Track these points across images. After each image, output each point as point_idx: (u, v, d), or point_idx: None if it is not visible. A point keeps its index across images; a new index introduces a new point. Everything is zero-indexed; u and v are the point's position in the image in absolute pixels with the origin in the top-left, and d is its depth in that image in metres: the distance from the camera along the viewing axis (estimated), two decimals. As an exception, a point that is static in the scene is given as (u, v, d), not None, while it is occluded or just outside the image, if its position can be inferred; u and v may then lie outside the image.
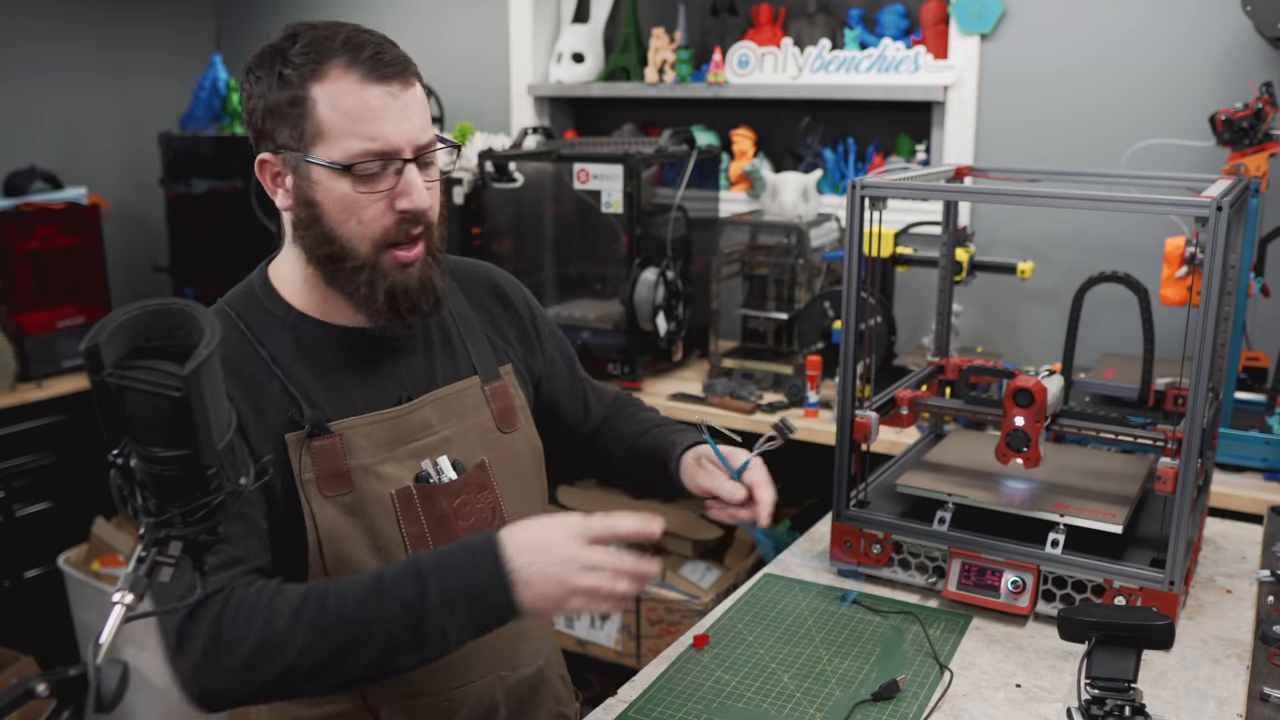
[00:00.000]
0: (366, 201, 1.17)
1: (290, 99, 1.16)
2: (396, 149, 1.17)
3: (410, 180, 1.18)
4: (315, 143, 1.16)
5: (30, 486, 3.16)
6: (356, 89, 1.15)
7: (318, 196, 1.18)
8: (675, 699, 1.35)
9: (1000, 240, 2.86)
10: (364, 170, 1.16)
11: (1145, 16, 2.63)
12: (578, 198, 2.86)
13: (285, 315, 1.26)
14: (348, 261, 1.20)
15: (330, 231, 1.19)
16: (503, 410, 1.36)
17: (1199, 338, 1.37)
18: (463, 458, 1.30)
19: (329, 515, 1.20)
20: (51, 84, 3.63)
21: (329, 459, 1.20)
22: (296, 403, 1.21)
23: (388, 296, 1.21)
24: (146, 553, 0.80)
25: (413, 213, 1.19)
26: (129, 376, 0.77)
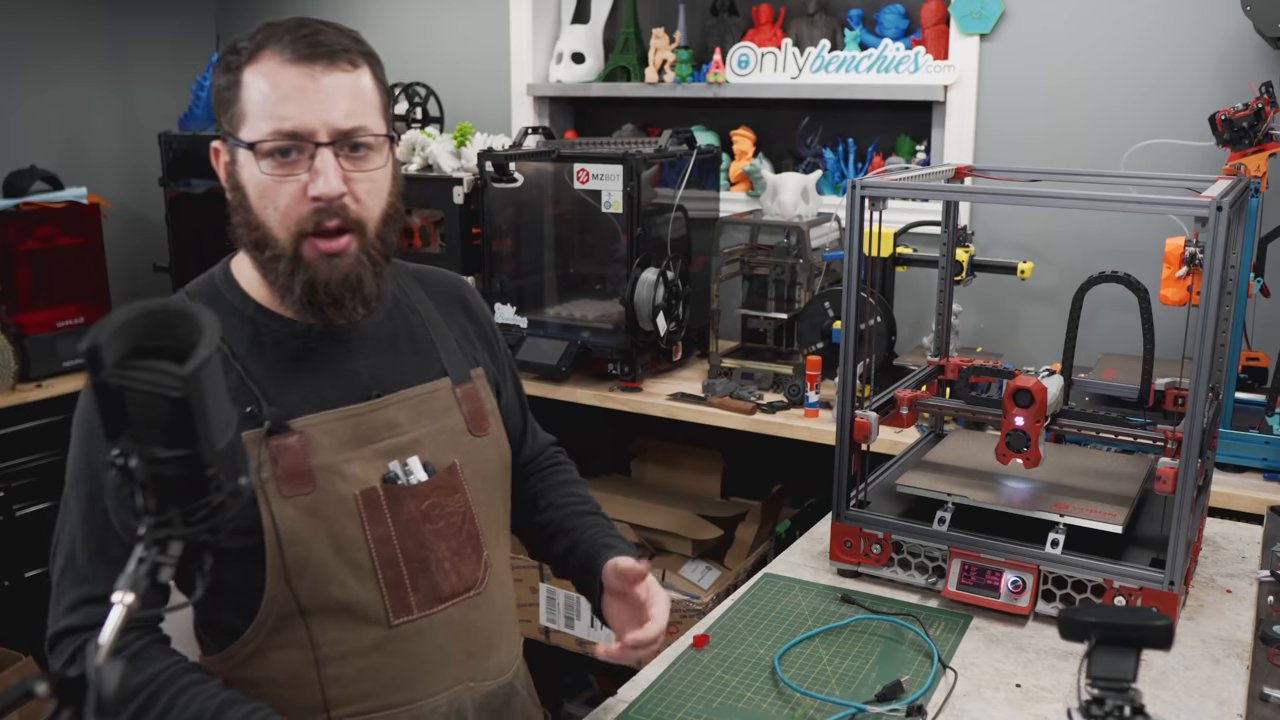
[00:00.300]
0: (278, 187, 1.14)
1: (227, 83, 1.17)
2: (308, 131, 1.13)
3: (320, 166, 1.13)
4: (239, 125, 1.16)
5: (30, 486, 3.16)
6: (277, 70, 1.13)
7: (242, 179, 1.17)
8: (675, 699, 1.35)
9: (1000, 240, 2.86)
10: (269, 149, 1.13)
11: (1145, 17, 2.63)
12: (578, 198, 2.86)
13: (244, 308, 1.24)
14: (269, 249, 1.17)
15: (253, 217, 1.17)
16: (474, 413, 1.33)
17: (1199, 338, 1.37)
18: (434, 459, 1.26)
19: (289, 517, 1.16)
20: (51, 84, 3.63)
21: (290, 457, 1.16)
22: (255, 398, 1.18)
23: (305, 287, 1.17)
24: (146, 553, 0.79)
25: (322, 199, 1.14)
26: (129, 376, 0.77)
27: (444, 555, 1.24)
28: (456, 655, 1.26)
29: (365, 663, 1.20)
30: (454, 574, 1.25)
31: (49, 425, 3.13)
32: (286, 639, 1.19)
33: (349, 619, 1.19)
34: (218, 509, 0.82)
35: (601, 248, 2.92)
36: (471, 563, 1.28)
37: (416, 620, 1.22)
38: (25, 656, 2.73)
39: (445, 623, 1.25)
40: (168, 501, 0.80)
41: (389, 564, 1.20)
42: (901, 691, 1.32)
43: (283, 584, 1.17)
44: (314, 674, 1.19)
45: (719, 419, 2.62)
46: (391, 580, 1.21)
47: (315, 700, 1.20)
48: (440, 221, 3.10)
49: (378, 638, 1.20)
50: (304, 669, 1.19)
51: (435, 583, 1.24)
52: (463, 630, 1.27)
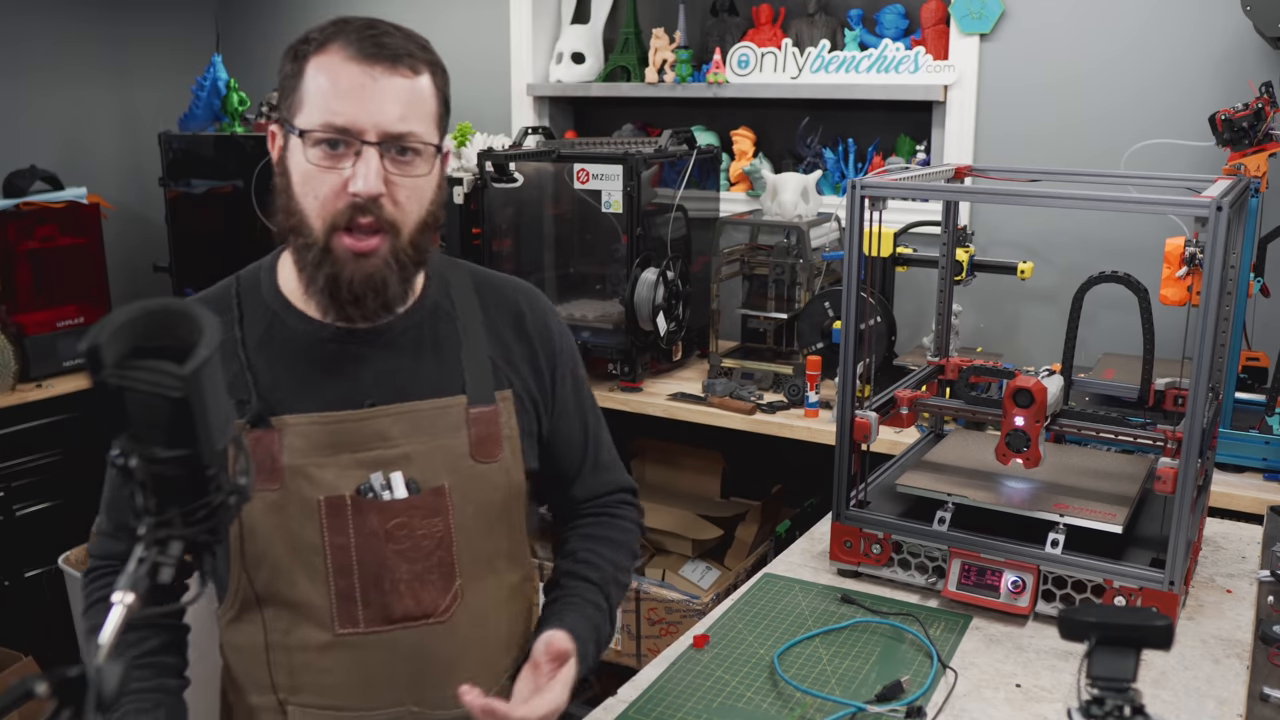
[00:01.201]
0: (321, 177, 1.15)
1: (292, 71, 1.18)
2: (358, 129, 1.14)
3: (364, 164, 1.14)
4: (295, 112, 1.17)
5: (31, 486, 3.15)
6: (339, 65, 1.14)
7: (289, 164, 1.18)
8: (675, 699, 1.35)
9: (1000, 240, 2.86)
10: (320, 140, 1.14)
11: (1145, 17, 2.63)
12: (578, 198, 2.86)
13: (273, 301, 1.26)
14: (303, 236, 1.18)
15: (293, 203, 1.18)
16: (483, 438, 1.25)
17: (1199, 338, 1.37)
18: (421, 478, 1.22)
19: (252, 509, 1.17)
20: (51, 84, 3.63)
21: (260, 453, 1.18)
22: (249, 389, 1.20)
23: (329, 280, 1.18)
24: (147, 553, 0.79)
25: (360, 197, 1.14)
26: (129, 376, 0.77)
27: (402, 577, 1.21)
28: (402, 678, 1.23)
29: (310, 660, 1.21)
30: (409, 598, 1.21)
31: (49, 425, 3.13)
32: (250, 618, 1.24)
33: (298, 616, 1.21)
34: (218, 509, 0.82)
35: (601, 248, 2.92)
36: (435, 590, 1.23)
37: (363, 634, 1.21)
38: (25, 656, 2.73)
39: (392, 643, 1.22)
40: (168, 501, 0.80)
41: (343, 574, 1.19)
42: (901, 691, 1.32)
43: (241, 570, 1.21)
44: (265, 657, 1.24)
45: (719, 419, 2.62)
46: (343, 590, 1.20)
47: (266, 681, 1.24)
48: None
49: (323, 642, 1.21)
50: (259, 650, 1.24)
51: (387, 602, 1.20)
52: (414, 655, 1.23)
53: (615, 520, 1.43)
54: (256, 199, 3.18)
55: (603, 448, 1.44)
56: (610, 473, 1.45)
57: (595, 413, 1.44)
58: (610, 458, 1.45)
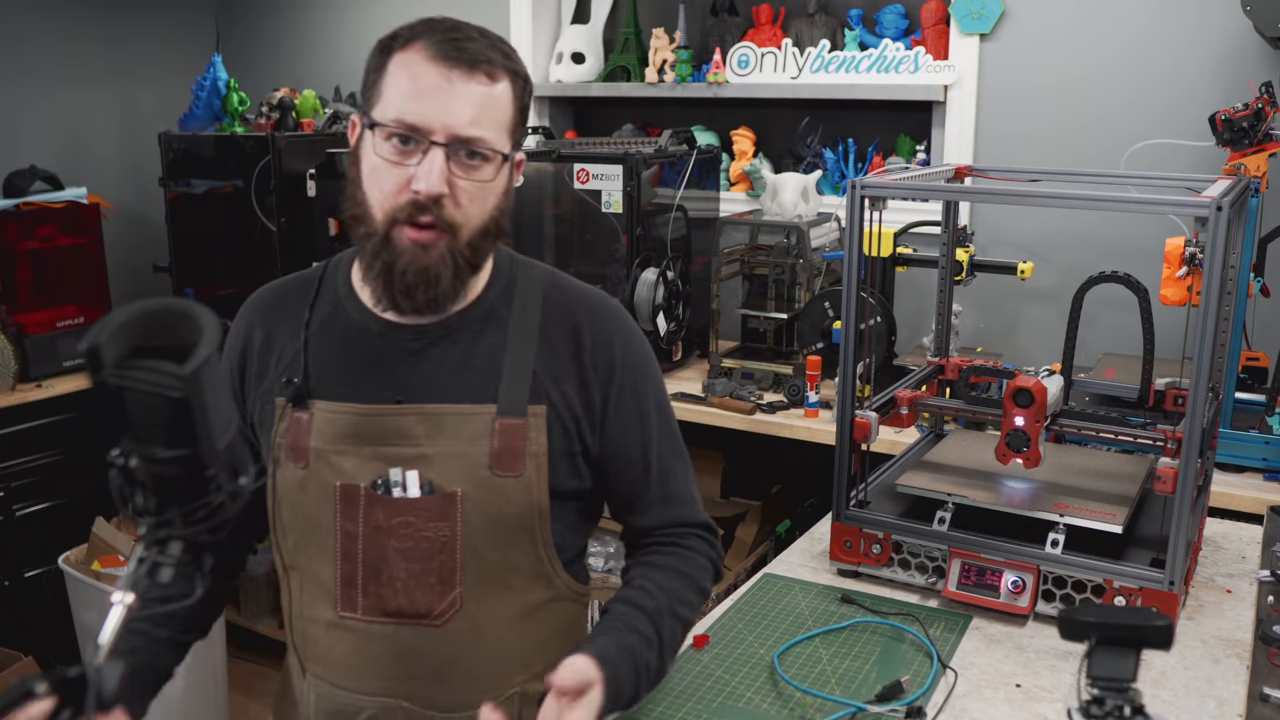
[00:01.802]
0: (388, 171, 1.17)
1: (376, 65, 1.21)
2: (427, 128, 1.15)
3: (429, 163, 1.16)
4: (373, 104, 1.20)
5: (31, 486, 3.16)
6: (419, 63, 1.17)
7: (361, 154, 1.21)
8: (675, 699, 1.35)
9: (1000, 240, 2.86)
10: (390, 135, 1.16)
11: (1145, 17, 2.63)
12: (578, 198, 2.86)
13: (341, 288, 1.30)
14: (365, 226, 1.21)
15: (359, 192, 1.21)
16: (504, 450, 1.22)
17: (1199, 338, 1.37)
18: (438, 481, 1.22)
19: (286, 481, 1.25)
20: (51, 84, 3.63)
21: (296, 432, 1.25)
22: (300, 369, 1.26)
23: (384, 268, 1.19)
24: (147, 553, 0.80)
25: (421, 195, 1.16)
26: (129, 377, 0.77)
27: (399, 574, 1.22)
28: (394, 672, 1.24)
29: (319, 634, 1.28)
30: (404, 596, 1.22)
31: (49, 425, 3.13)
32: (284, 581, 1.33)
33: (314, 590, 1.27)
34: (218, 509, 0.82)
35: (601, 248, 2.92)
36: (431, 593, 1.22)
37: (359, 620, 1.24)
38: (25, 656, 2.73)
39: (385, 636, 1.23)
40: (168, 501, 0.80)
41: (347, 559, 1.24)
42: (901, 691, 1.32)
43: (275, 535, 1.30)
44: (290, 622, 1.33)
45: (719, 419, 2.62)
46: (346, 575, 1.24)
47: (291, 643, 1.33)
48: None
49: (328, 619, 1.26)
50: (291, 615, 1.33)
51: (383, 595, 1.22)
52: (406, 652, 1.23)
53: (683, 551, 1.33)
54: (256, 199, 3.18)
55: (672, 478, 1.34)
56: (682, 506, 1.35)
57: (667, 441, 1.34)
58: (684, 492, 1.36)
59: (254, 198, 3.17)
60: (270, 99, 3.29)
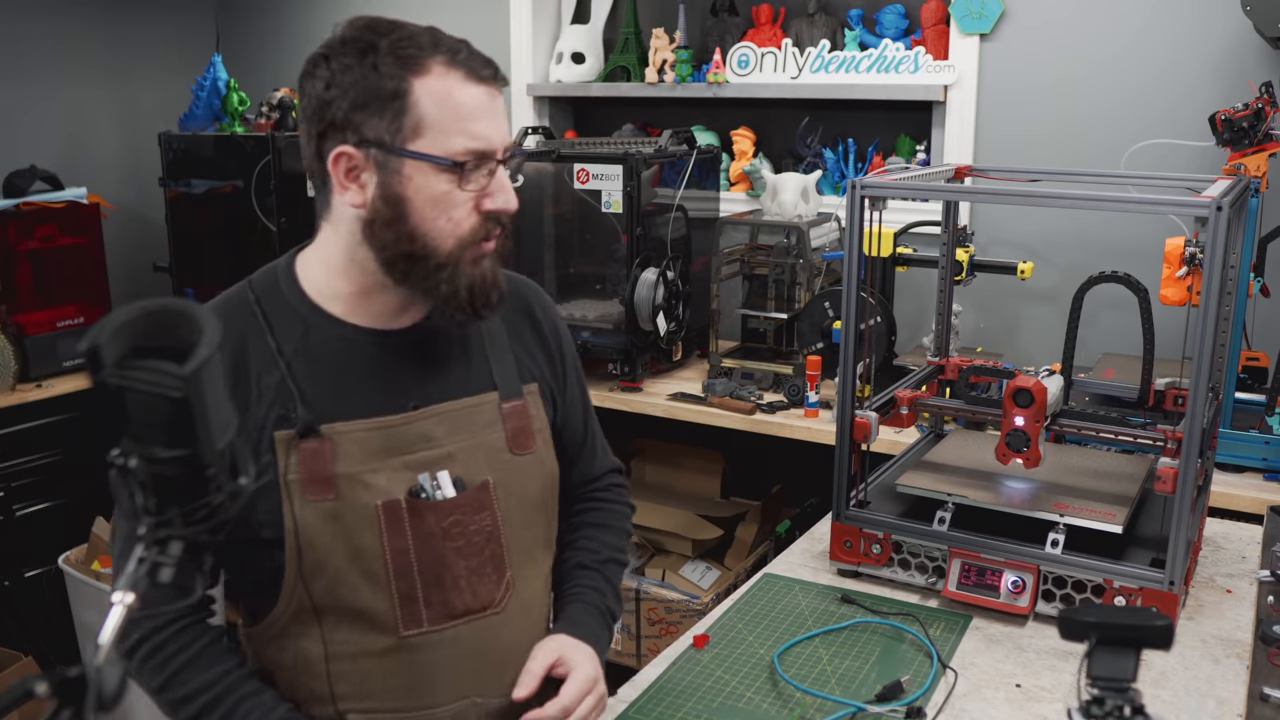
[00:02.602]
0: (460, 200, 1.17)
1: (392, 91, 1.13)
2: (494, 149, 1.18)
3: (502, 181, 1.19)
4: (414, 136, 1.14)
5: (30, 486, 3.16)
6: (461, 86, 1.16)
7: (408, 192, 1.15)
8: (675, 699, 1.35)
9: (1000, 240, 2.86)
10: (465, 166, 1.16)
11: (1145, 17, 2.63)
12: (578, 198, 2.86)
13: (300, 307, 1.23)
14: (430, 260, 1.18)
15: (415, 229, 1.16)
16: (517, 431, 1.29)
17: (1199, 338, 1.37)
18: (466, 476, 1.24)
19: (309, 520, 1.17)
20: (51, 84, 3.63)
21: (315, 463, 1.17)
22: (293, 399, 1.18)
23: (469, 292, 1.20)
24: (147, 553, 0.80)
25: (503, 214, 1.20)
26: (129, 376, 0.77)
27: (460, 573, 1.23)
28: (464, 671, 1.25)
29: (373, 666, 1.22)
30: (469, 593, 1.24)
31: (49, 425, 3.13)
32: (302, 631, 1.22)
33: (360, 624, 1.21)
34: (218, 509, 0.82)
35: (601, 248, 2.92)
36: (490, 583, 1.26)
37: (426, 633, 1.22)
38: (25, 656, 2.73)
39: (455, 639, 1.24)
40: (168, 501, 0.80)
41: (403, 576, 1.20)
42: (901, 691, 1.32)
43: (298, 581, 1.19)
44: (324, 668, 1.22)
45: (719, 419, 2.62)
46: (404, 592, 1.21)
47: (324, 692, 1.22)
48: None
49: (387, 645, 1.21)
50: (316, 661, 1.22)
51: (448, 599, 1.23)
52: (473, 648, 1.25)
53: (609, 505, 1.49)
54: (256, 199, 3.18)
55: (598, 433, 1.49)
56: (604, 456, 1.51)
57: (589, 398, 1.49)
58: (603, 441, 1.51)
59: (254, 198, 3.17)
60: (270, 99, 3.29)
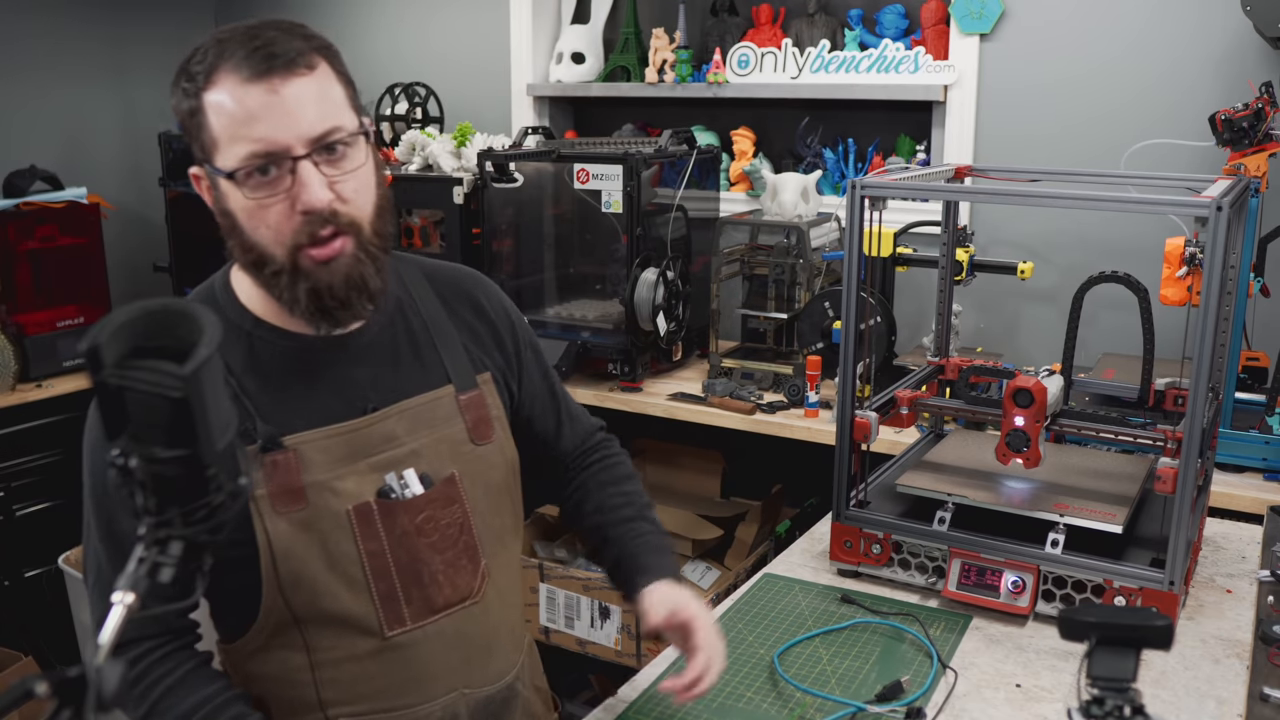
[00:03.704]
0: (267, 205, 1.12)
1: (190, 110, 1.13)
2: (283, 147, 1.10)
3: (303, 179, 1.11)
4: (213, 152, 1.12)
5: (31, 486, 3.16)
6: (239, 91, 1.09)
7: (229, 206, 1.14)
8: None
9: (1000, 240, 2.86)
10: (249, 174, 1.10)
11: (1145, 17, 2.63)
12: (578, 198, 2.86)
13: (242, 321, 1.22)
14: (268, 266, 1.15)
15: (246, 239, 1.15)
16: (477, 421, 1.30)
17: (1199, 338, 1.37)
18: (431, 471, 1.25)
19: (282, 532, 1.16)
20: (51, 84, 3.63)
21: (282, 475, 1.17)
22: (250, 415, 1.17)
23: (310, 296, 1.15)
24: (147, 553, 0.80)
25: (312, 211, 1.12)
26: (129, 376, 0.77)
27: (438, 568, 1.23)
28: (451, 664, 1.26)
29: (360, 669, 1.22)
30: (448, 586, 1.25)
31: (49, 425, 3.13)
32: (285, 641, 1.21)
33: (343, 629, 1.21)
34: (218, 509, 0.82)
35: (601, 248, 2.92)
36: (467, 574, 1.27)
37: (411, 631, 1.23)
38: (25, 656, 2.73)
39: (439, 633, 1.25)
40: (168, 501, 0.80)
41: (382, 577, 1.20)
42: (901, 691, 1.32)
43: (277, 595, 1.18)
44: (310, 676, 1.21)
45: (719, 419, 2.62)
46: (385, 593, 1.21)
47: (311, 700, 1.22)
48: (440, 221, 3.10)
49: (372, 647, 1.21)
50: (301, 670, 1.22)
51: (428, 595, 1.23)
52: (458, 640, 1.26)
53: (613, 460, 1.51)
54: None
55: (569, 400, 1.51)
56: (583, 419, 1.53)
57: (551, 372, 1.50)
58: (576, 406, 1.53)
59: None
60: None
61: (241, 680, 1.25)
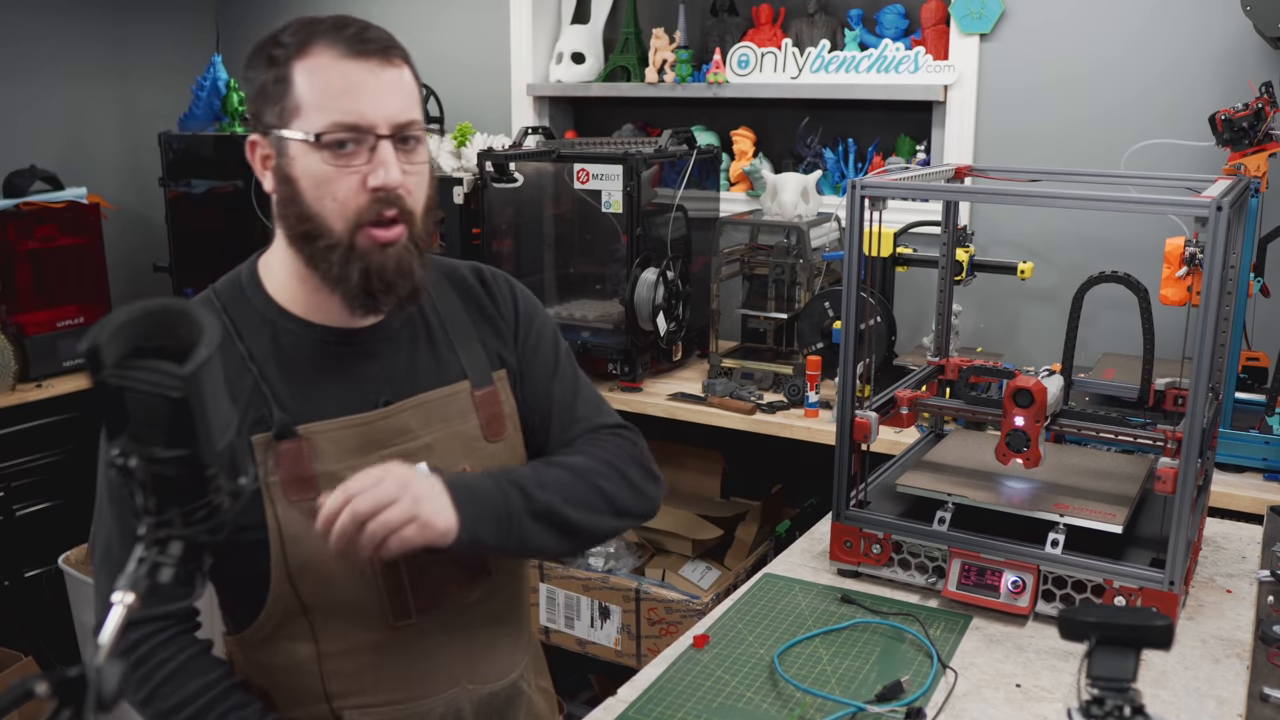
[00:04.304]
0: (339, 176, 1.15)
1: (275, 77, 1.16)
2: (370, 124, 1.15)
3: (383, 157, 1.15)
4: (293, 118, 1.15)
5: (31, 486, 3.16)
6: (335, 63, 1.14)
7: (294, 172, 1.17)
8: (675, 699, 1.35)
9: (1000, 240, 2.86)
10: (334, 141, 1.14)
11: (1145, 17, 2.63)
12: (578, 198, 2.86)
13: (266, 310, 1.25)
14: (323, 240, 1.17)
15: (306, 209, 1.17)
16: (490, 418, 1.31)
17: (1199, 338, 1.37)
18: (443, 465, 1.25)
19: (293, 520, 1.18)
20: (51, 84, 3.63)
21: (294, 463, 1.18)
22: (267, 402, 1.19)
23: (361, 277, 1.18)
24: (147, 553, 0.80)
25: (384, 190, 1.16)
26: (129, 377, 0.77)
27: (444, 561, 1.24)
28: (455, 657, 1.27)
29: (366, 660, 1.23)
30: (453, 580, 1.26)
31: (49, 425, 3.13)
32: (293, 631, 1.22)
33: (351, 618, 1.22)
34: (218, 509, 0.82)
35: (601, 248, 2.92)
36: (473, 569, 1.28)
37: (416, 623, 1.24)
38: (25, 656, 2.73)
39: (444, 626, 1.26)
40: (168, 501, 0.80)
41: (389, 568, 1.22)
42: (901, 691, 1.32)
43: (286, 582, 1.19)
44: (316, 667, 1.23)
45: (719, 419, 2.62)
46: (392, 584, 1.22)
47: (318, 691, 1.23)
48: (440, 221, 3.10)
49: (378, 638, 1.23)
50: (308, 660, 1.23)
51: (434, 589, 1.25)
52: (462, 633, 1.28)
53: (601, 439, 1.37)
54: (256, 199, 3.18)
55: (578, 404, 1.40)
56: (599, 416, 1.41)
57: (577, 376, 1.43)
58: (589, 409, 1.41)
59: (254, 198, 3.17)
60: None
61: (248, 672, 1.26)
